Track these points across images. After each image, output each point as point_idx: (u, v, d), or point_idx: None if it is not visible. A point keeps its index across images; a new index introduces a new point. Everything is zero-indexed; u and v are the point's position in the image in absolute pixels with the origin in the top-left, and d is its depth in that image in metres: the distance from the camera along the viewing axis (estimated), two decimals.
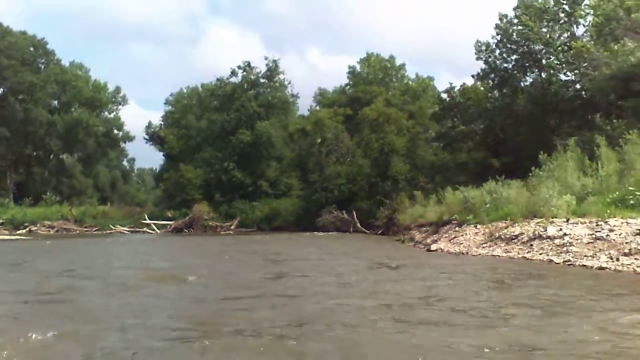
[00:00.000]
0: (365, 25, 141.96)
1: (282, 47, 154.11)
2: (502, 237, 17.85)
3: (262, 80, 59.76)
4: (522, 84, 46.05)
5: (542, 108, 43.46)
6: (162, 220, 53.55)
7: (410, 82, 65.17)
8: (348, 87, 65.69)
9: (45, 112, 66.85)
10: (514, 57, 44.83)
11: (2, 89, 66.71)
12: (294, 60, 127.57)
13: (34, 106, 65.45)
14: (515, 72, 45.27)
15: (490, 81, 46.58)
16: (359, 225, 44.79)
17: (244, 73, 59.17)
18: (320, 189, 49.58)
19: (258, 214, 53.81)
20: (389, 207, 41.39)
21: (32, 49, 67.29)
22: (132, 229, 52.74)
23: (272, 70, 59.38)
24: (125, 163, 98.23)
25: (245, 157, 56.23)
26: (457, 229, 21.36)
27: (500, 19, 43.89)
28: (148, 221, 53.26)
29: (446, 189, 31.60)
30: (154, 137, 78.68)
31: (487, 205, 21.55)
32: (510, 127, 47.05)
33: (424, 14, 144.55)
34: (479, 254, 17.49)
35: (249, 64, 59.17)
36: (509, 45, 44.67)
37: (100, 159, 76.25)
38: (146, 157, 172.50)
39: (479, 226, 20.33)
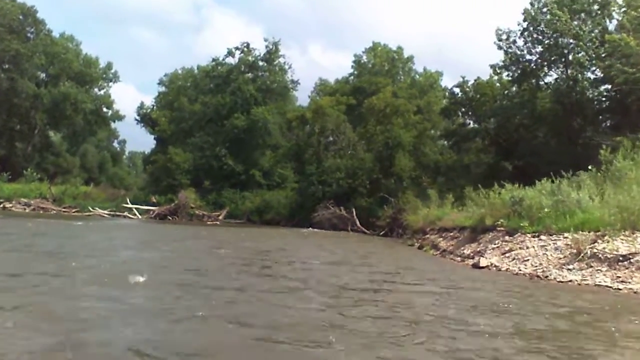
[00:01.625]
0: (369, 21, 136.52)
1: (284, 42, 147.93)
2: (599, 256, 12.47)
3: (260, 63, 54.31)
4: (544, 80, 40.76)
5: (565, 107, 38.34)
6: (146, 206, 48.14)
7: (417, 76, 59.73)
8: (352, 77, 60.23)
9: (31, 84, 61.16)
10: (538, 49, 39.57)
11: None
12: (296, 55, 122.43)
13: (19, 77, 59.76)
14: (538, 65, 39.98)
15: (510, 74, 41.20)
16: (358, 224, 39.56)
17: (242, 54, 53.67)
18: (317, 182, 44.47)
19: (248, 205, 48.60)
20: (393, 206, 36.04)
21: (20, 17, 61.30)
22: (112, 213, 47.44)
23: (272, 53, 53.96)
24: (115, 144, 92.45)
25: (238, 144, 50.92)
26: (506, 238, 16.02)
27: (532, 3, 38.56)
28: (130, 205, 47.94)
29: (468, 190, 26.69)
30: (145, 118, 73.39)
31: (546, 210, 16.24)
32: (527, 127, 41.99)
33: (427, 13, 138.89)
34: (571, 281, 12.15)
35: (247, 44, 53.90)
36: (534, 36, 39.42)
37: (88, 138, 70.17)
38: (139, 140, 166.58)
39: (542, 237, 14.98)
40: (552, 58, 39.28)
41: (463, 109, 45.69)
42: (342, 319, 7.45)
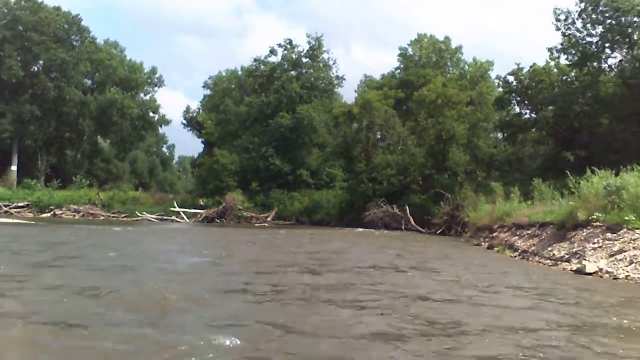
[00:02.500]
0: (411, 17, 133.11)
1: (327, 43, 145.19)
2: None
3: (304, 60, 52.04)
4: (607, 62, 37.42)
5: (633, 90, 34.99)
6: (193, 209, 46.57)
7: (467, 67, 56.54)
8: (398, 71, 57.45)
9: (78, 91, 60.30)
10: (599, 29, 36.28)
11: (34, 67, 60.35)
12: (339, 56, 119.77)
13: (66, 85, 59.00)
14: (600, 47, 36.66)
15: (569, 57, 37.96)
16: (412, 222, 36.94)
17: (285, 52, 51.56)
18: (367, 180, 42.08)
19: (297, 205, 46.54)
20: (450, 202, 33.31)
21: (66, 25, 60.58)
22: (160, 217, 46.19)
23: (315, 48, 51.64)
24: (164, 150, 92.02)
25: (284, 143, 48.83)
26: (608, 235, 13.21)
27: None
28: (177, 209, 46.44)
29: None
30: (192, 122, 72.28)
31: None
32: (589, 114, 38.66)
33: (471, 4, 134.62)
34: None
35: (290, 41, 51.68)
36: (593, 16, 36.14)
37: (135, 143, 69.25)
38: (189, 145, 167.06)
39: None
40: (615, 38, 35.97)
41: (518, 98, 42.57)
42: None
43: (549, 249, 14.83)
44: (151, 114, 66.98)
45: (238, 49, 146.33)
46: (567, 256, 13.47)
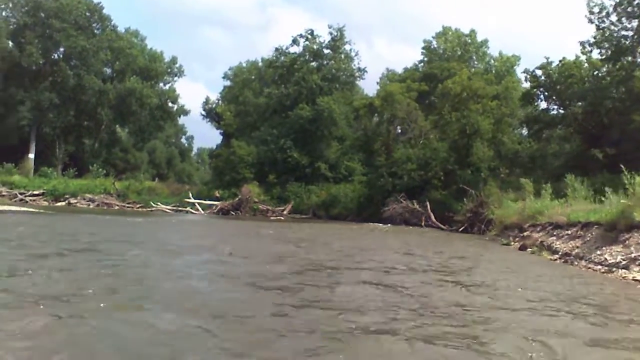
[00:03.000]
0: (434, 12, 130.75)
1: (350, 37, 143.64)
2: None
3: (325, 51, 50.43)
4: None
5: None
6: (209, 200, 45.24)
7: (493, 61, 54.48)
8: (422, 64, 55.55)
9: (97, 79, 59.28)
10: (634, 23, 34.28)
11: (54, 54, 59.45)
12: (362, 50, 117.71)
13: (86, 73, 58.03)
14: (635, 42, 34.63)
15: (602, 51, 35.94)
16: (433, 218, 35.20)
17: (306, 42, 49.94)
18: (386, 175, 40.48)
19: (314, 199, 45.03)
20: (475, 198, 31.49)
21: (87, 13, 59.61)
22: (175, 208, 44.87)
23: (337, 39, 49.98)
24: (183, 140, 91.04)
25: (303, 136, 47.34)
26: None
27: None
28: (192, 200, 45.17)
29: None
30: (211, 113, 71.10)
31: None
32: (620, 111, 36.60)
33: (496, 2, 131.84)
34: None
35: (311, 32, 50.11)
36: (629, 9, 34.13)
37: (154, 133, 68.05)
38: (208, 136, 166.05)
39: None
40: None
41: (546, 93, 40.59)
42: None
43: (598, 252, 12.99)
44: (170, 104, 65.82)
45: (261, 42, 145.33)
46: (624, 262, 11.66)
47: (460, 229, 31.46)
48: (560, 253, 14.80)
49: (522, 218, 20.95)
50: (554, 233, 16.89)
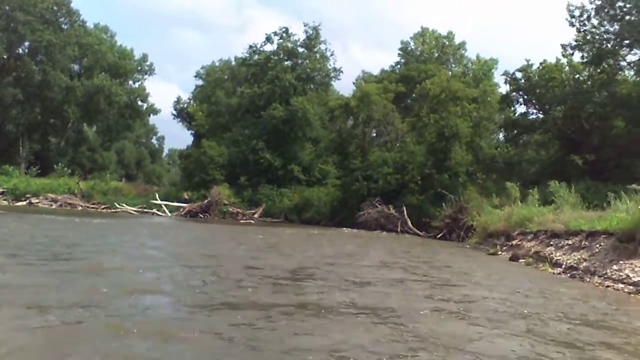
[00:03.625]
0: (410, 17, 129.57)
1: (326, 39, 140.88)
2: None
3: (300, 50, 48.35)
4: (626, 59, 34.01)
5: None
6: (177, 202, 42.98)
7: (470, 64, 52.98)
8: (399, 65, 53.83)
9: (64, 76, 56.47)
10: (617, 26, 32.98)
11: (19, 49, 56.51)
12: (337, 54, 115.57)
13: (52, 69, 55.16)
14: (617, 45, 33.31)
15: (584, 54, 34.59)
16: (409, 224, 33.41)
17: (281, 41, 47.85)
18: (361, 178, 38.74)
19: (287, 202, 43.02)
20: (454, 204, 29.79)
21: (54, 7, 56.77)
22: (142, 210, 42.43)
23: (312, 38, 47.98)
24: (154, 141, 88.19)
25: (276, 137, 45.28)
26: None
27: None
28: (158, 201, 42.80)
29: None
30: (182, 113, 68.67)
31: None
32: (602, 116, 35.34)
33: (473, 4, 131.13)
34: None
35: (286, 30, 48.03)
36: (611, 12, 32.86)
37: (122, 132, 65.21)
38: (181, 137, 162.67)
39: None
40: (634, 36, 32.63)
41: (526, 97, 39.13)
42: None
43: (615, 267, 11.13)
44: (140, 103, 63.17)
45: (237, 44, 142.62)
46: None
47: (438, 236, 29.75)
48: (563, 266, 13.01)
49: (508, 225, 19.24)
50: (551, 242, 15.11)
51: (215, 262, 11.33)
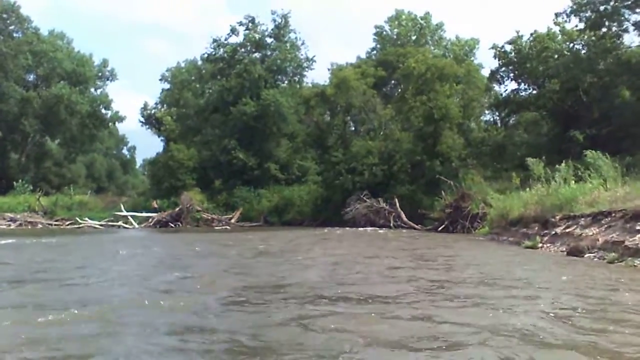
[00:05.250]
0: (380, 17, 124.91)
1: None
2: None
3: (268, 40, 43.53)
4: (629, 20, 29.89)
5: None
6: (146, 212, 38.24)
7: (450, 45, 48.51)
8: (374, 51, 49.25)
9: (18, 87, 51.12)
10: None
11: None
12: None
13: (5, 79, 49.79)
14: (618, 5, 29.23)
15: (583, 19, 30.41)
16: (404, 217, 28.96)
17: (247, 31, 43.05)
18: (345, 172, 34.23)
19: (265, 204, 38.53)
20: (455, 191, 25.39)
21: (4, 15, 51.37)
22: (110, 223, 37.60)
23: (281, 27, 43.16)
24: (125, 152, 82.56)
25: (249, 134, 40.59)
26: None
27: None
28: (124, 213, 37.90)
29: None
30: (150, 119, 63.43)
31: None
32: (604, 86, 31.31)
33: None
34: None
35: (252, 19, 43.09)
36: None
37: (87, 143, 59.56)
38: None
39: None
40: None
41: (517, 71, 34.93)
42: None
43: None
44: (103, 111, 57.66)
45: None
46: None
47: (440, 228, 25.26)
48: None
49: (543, 209, 14.72)
50: (634, 227, 10.59)
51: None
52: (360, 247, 16.24)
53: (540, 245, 13.32)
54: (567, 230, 12.71)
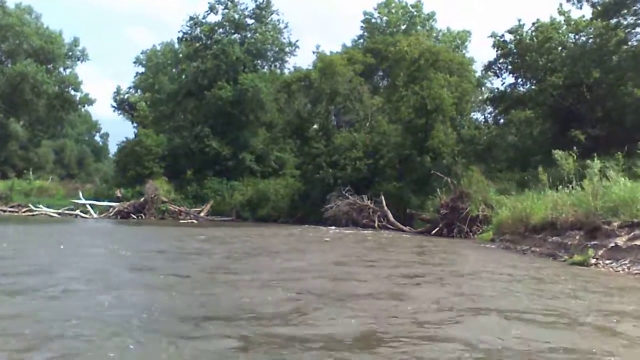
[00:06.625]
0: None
1: None
2: None
3: (249, 22, 39.41)
4: None
5: None
6: (109, 201, 34.29)
7: (441, 36, 44.81)
8: (362, 40, 45.35)
9: None
10: None
11: None
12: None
13: None
14: None
15: (594, 6, 26.95)
16: (391, 217, 25.27)
17: (226, 10, 38.90)
18: (326, 165, 30.42)
19: (238, 197, 34.72)
20: (453, 189, 21.73)
21: None
22: (65, 212, 33.44)
23: (263, 7, 39.05)
24: (97, 138, 77.78)
25: (224, 121, 36.74)
26: None
27: None
28: (83, 201, 33.83)
29: None
30: (123, 105, 59.24)
31: None
32: (609, 82, 28.02)
33: None
34: None
35: None
36: None
37: (54, 125, 54.92)
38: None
39: None
40: None
41: (516, 62, 31.35)
42: None
43: None
44: (73, 92, 52.97)
45: None
46: None
47: (433, 232, 21.54)
48: None
49: (588, 213, 10.99)
50: None
51: None
52: (346, 255, 12.47)
53: (593, 261, 9.65)
54: (637, 242, 9.05)
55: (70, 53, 52.38)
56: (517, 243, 14.12)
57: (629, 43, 26.31)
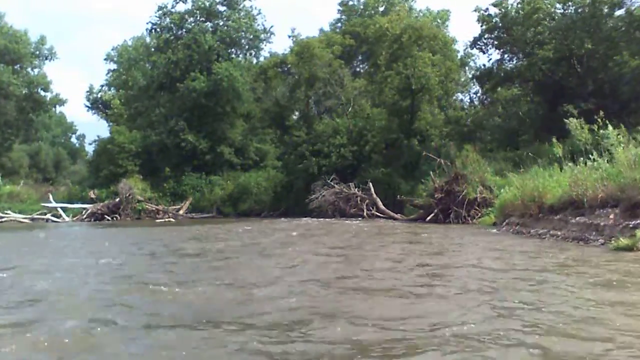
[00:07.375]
0: None
1: None
2: None
3: (221, 9, 37.08)
4: None
5: None
6: (82, 203, 32.19)
7: (421, 16, 42.80)
8: (339, 23, 43.19)
9: None
10: None
11: None
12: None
13: None
14: None
15: None
16: (380, 205, 23.38)
17: None
18: (309, 154, 28.44)
19: (218, 192, 32.86)
20: (447, 172, 19.87)
21: None
22: (35, 217, 31.23)
23: None
24: (74, 140, 74.93)
25: (199, 114, 34.62)
26: None
27: None
28: (54, 204, 31.60)
29: None
30: (97, 103, 56.67)
31: None
32: (602, 53, 26.37)
33: None
34: None
35: None
36: None
37: (24, 129, 52.08)
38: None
39: None
40: None
41: (503, 36, 29.50)
42: None
43: None
44: (42, 93, 50.17)
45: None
46: None
47: (428, 218, 19.66)
48: None
49: (622, 188, 9.06)
50: None
51: None
52: (343, 247, 10.52)
53: None
54: None
55: (37, 52, 49.58)
56: (528, 226, 12.24)
57: (623, 8, 24.52)
